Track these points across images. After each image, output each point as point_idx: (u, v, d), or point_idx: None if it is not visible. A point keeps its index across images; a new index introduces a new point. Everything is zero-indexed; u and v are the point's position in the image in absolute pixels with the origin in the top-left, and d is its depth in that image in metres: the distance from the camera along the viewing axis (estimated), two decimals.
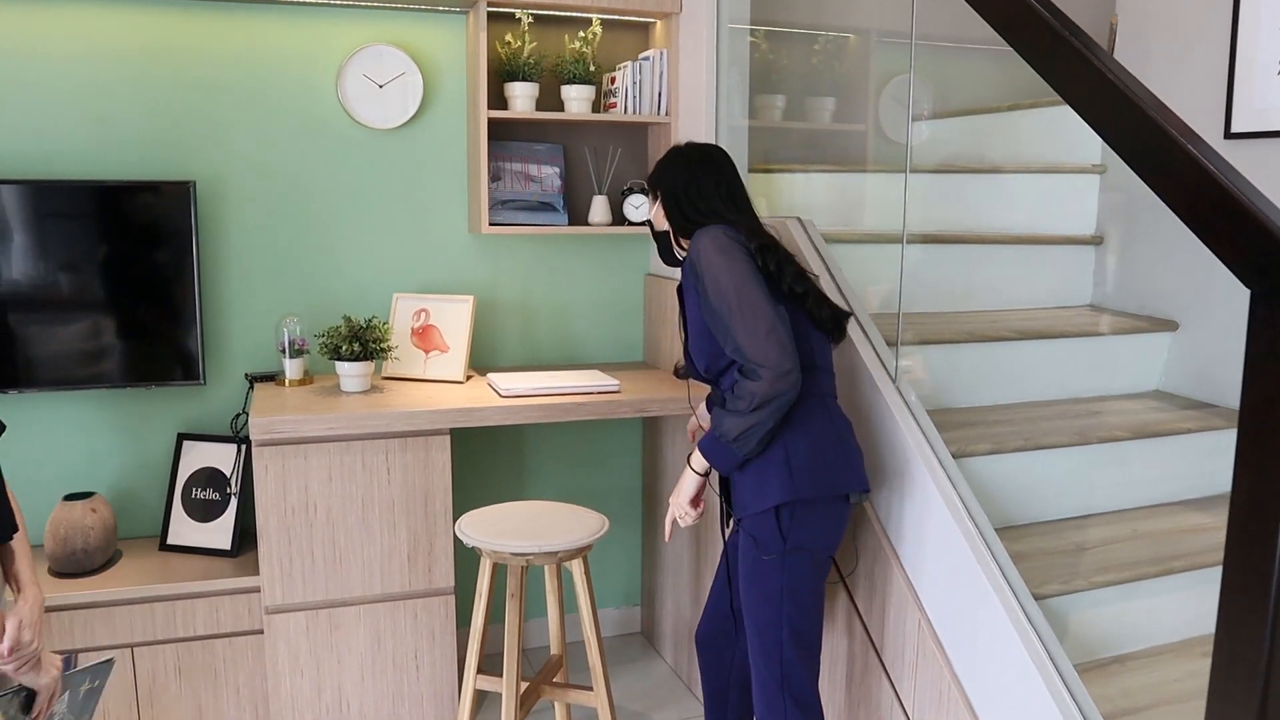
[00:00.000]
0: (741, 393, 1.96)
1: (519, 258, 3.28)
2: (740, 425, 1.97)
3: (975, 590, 1.95)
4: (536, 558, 2.41)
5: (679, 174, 2.20)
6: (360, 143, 3.06)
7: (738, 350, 1.98)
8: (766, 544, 2.05)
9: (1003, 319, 2.72)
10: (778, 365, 1.92)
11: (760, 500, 2.03)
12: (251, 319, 3.03)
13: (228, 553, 2.83)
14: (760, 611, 2.08)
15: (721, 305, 1.99)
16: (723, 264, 2.00)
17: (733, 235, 2.07)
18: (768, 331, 1.94)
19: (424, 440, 2.69)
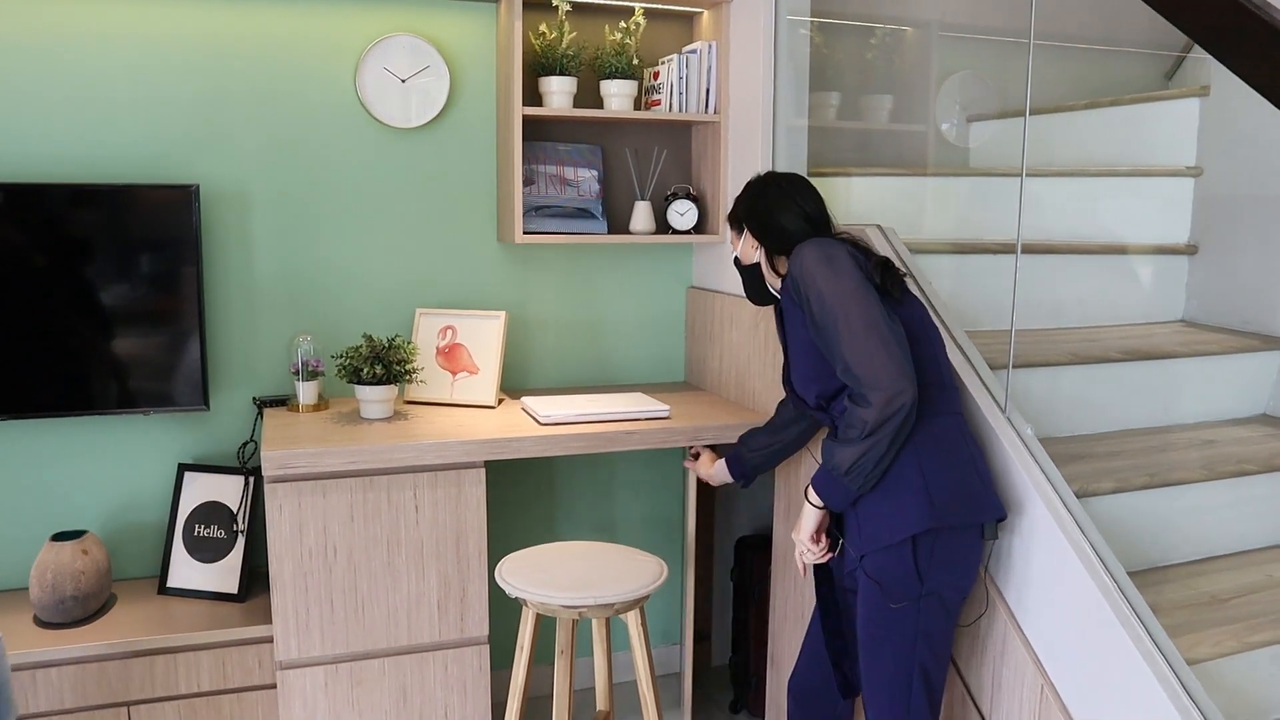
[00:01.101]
0: (852, 420, 1.77)
1: (553, 269, 3.01)
2: (852, 455, 1.77)
3: (1117, 654, 1.67)
4: (590, 610, 2.13)
5: (765, 198, 2.07)
6: (380, 143, 2.79)
7: (846, 370, 1.79)
8: (896, 587, 1.81)
9: (1098, 337, 2.45)
10: (890, 386, 1.72)
11: (894, 529, 1.80)
12: (260, 337, 2.74)
13: (234, 597, 2.55)
14: (888, 663, 1.84)
15: (827, 320, 1.81)
16: (827, 275, 1.83)
17: (829, 245, 1.88)
18: (878, 347, 1.75)
19: (456, 474, 2.40)
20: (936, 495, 1.78)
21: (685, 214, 2.93)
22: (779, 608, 2.66)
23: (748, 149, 2.76)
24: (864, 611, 1.87)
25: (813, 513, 1.93)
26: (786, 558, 2.60)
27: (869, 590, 1.84)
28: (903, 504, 1.79)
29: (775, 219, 2.03)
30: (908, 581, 1.80)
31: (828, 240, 1.93)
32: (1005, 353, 2.19)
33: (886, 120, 3.16)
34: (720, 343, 2.93)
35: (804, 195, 2.04)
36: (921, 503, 1.77)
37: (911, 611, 1.81)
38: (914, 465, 1.79)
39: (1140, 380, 2.35)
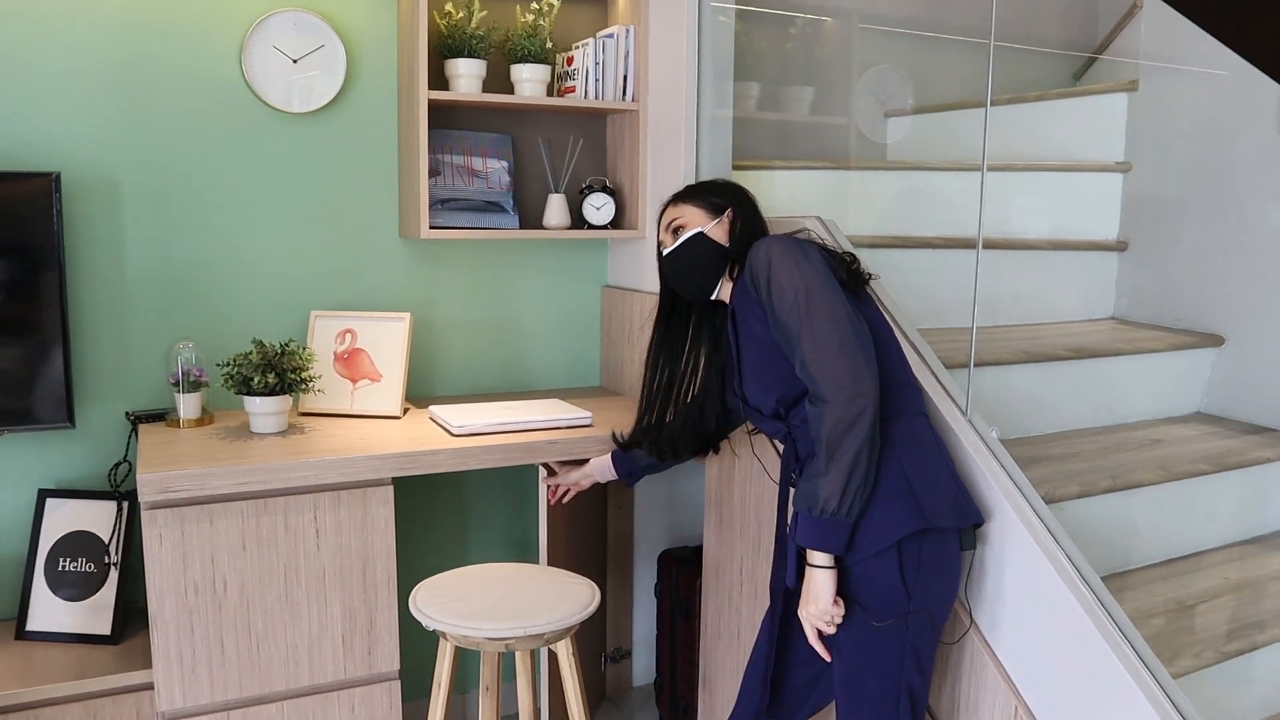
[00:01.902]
0: (816, 433, 1.61)
1: (459, 267, 2.79)
2: (835, 483, 1.58)
3: (1100, 671, 1.56)
4: (519, 642, 1.93)
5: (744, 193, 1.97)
6: (269, 129, 2.52)
7: (804, 368, 1.64)
8: (881, 603, 1.64)
9: (1039, 335, 2.38)
10: (851, 386, 1.58)
11: (877, 535, 1.62)
12: (134, 345, 2.44)
13: (107, 639, 2.25)
14: (873, 690, 1.68)
15: (788, 314, 1.66)
16: (791, 266, 1.68)
17: (794, 239, 1.76)
18: (841, 344, 1.60)
19: (361, 493, 2.17)
20: (922, 495, 1.64)
21: (602, 208, 2.75)
22: (710, 625, 2.51)
23: (670, 140, 2.60)
24: (843, 637, 1.69)
25: (825, 576, 1.64)
26: (719, 572, 2.44)
27: (849, 613, 1.68)
28: (884, 507, 1.63)
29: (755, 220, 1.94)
30: (893, 596, 1.63)
31: (788, 236, 1.78)
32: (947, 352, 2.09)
33: (807, 112, 3.04)
34: (640, 345, 2.76)
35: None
36: (907, 503, 1.62)
37: (899, 630, 1.65)
38: (894, 465, 1.65)
39: (1083, 379, 2.28)
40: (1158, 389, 2.42)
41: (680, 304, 2.02)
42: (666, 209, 1.97)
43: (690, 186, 1.99)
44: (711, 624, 2.50)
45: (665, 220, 1.96)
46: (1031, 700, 1.68)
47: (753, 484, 2.30)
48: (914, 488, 1.63)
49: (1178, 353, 2.41)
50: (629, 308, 2.81)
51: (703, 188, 1.97)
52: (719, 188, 1.96)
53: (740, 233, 1.90)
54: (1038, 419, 2.22)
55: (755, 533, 2.30)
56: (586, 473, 2.30)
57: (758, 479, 2.28)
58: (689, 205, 1.93)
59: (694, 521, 3.09)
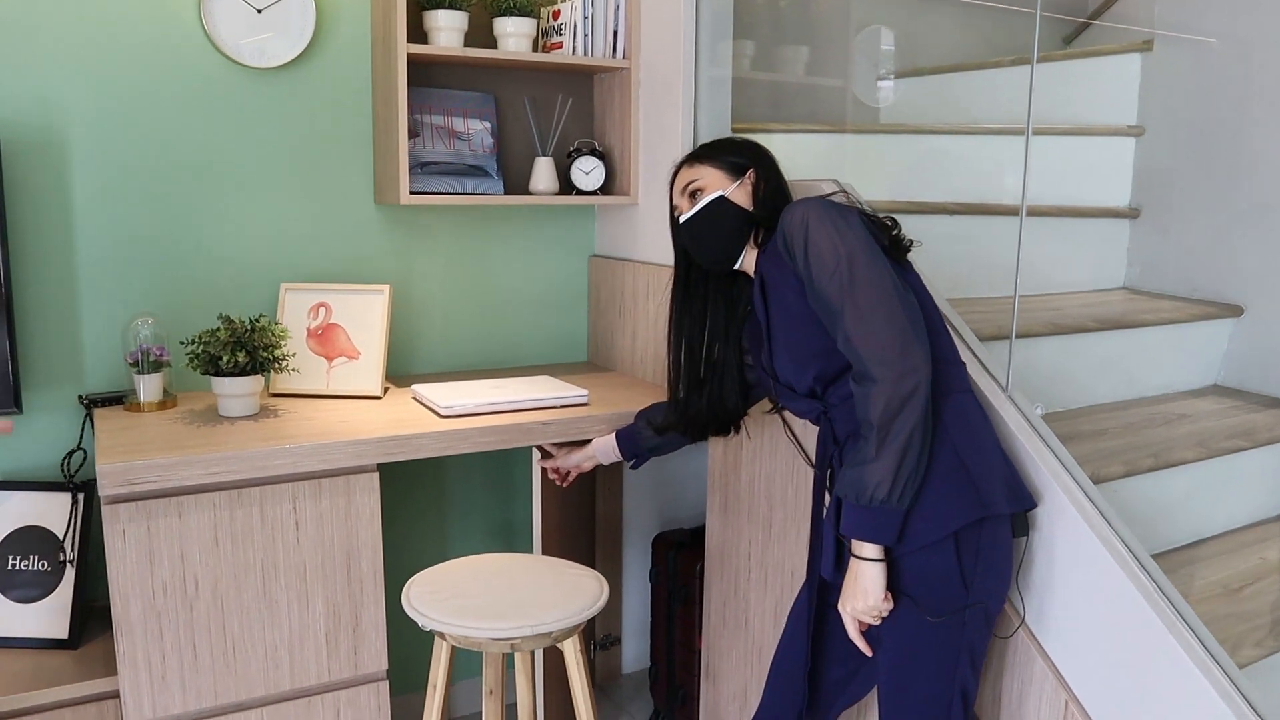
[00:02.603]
0: (863, 414, 1.46)
1: (439, 236, 2.60)
2: (886, 468, 1.44)
3: (1162, 663, 1.46)
4: (525, 641, 1.78)
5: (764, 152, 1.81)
6: (233, 86, 2.31)
7: (847, 342, 1.49)
8: (937, 597, 1.51)
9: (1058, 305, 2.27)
10: (901, 361, 1.43)
11: (933, 525, 1.49)
12: (87, 322, 2.23)
13: (66, 644, 2.06)
14: (923, 689, 1.55)
15: (830, 284, 1.50)
16: (832, 230, 1.52)
17: (833, 202, 1.60)
18: (889, 316, 1.46)
19: (345, 480, 2.00)
20: (979, 480, 1.50)
21: (591, 172, 2.58)
22: (715, 614, 2.38)
23: (664, 100, 2.44)
24: (892, 633, 1.56)
25: (876, 569, 1.50)
26: (724, 557, 2.32)
27: (895, 608, 1.54)
28: (941, 492, 1.49)
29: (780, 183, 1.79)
30: (951, 589, 1.51)
31: (826, 198, 1.62)
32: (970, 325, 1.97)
33: (803, 73, 2.90)
34: (632, 318, 2.61)
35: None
36: (964, 489, 1.49)
37: (955, 625, 1.52)
38: (947, 448, 1.51)
39: (1104, 352, 2.18)
40: (1175, 361, 2.33)
41: (697, 273, 1.86)
42: (680, 170, 1.81)
43: (706, 146, 1.82)
44: (716, 611, 2.38)
45: (680, 183, 1.79)
46: (1083, 694, 1.58)
47: (761, 464, 2.17)
48: (970, 472, 1.50)
49: (1198, 324, 2.31)
50: (619, 279, 2.65)
51: (720, 146, 1.80)
52: (738, 146, 1.80)
53: (764, 195, 1.74)
54: (1061, 393, 2.11)
55: (765, 516, 2.17)
56: (589, 454, 2.15)
57: (767, 459, 2.15)
58: (706, 166, 1.77)
59: (685, 503, 2.96)
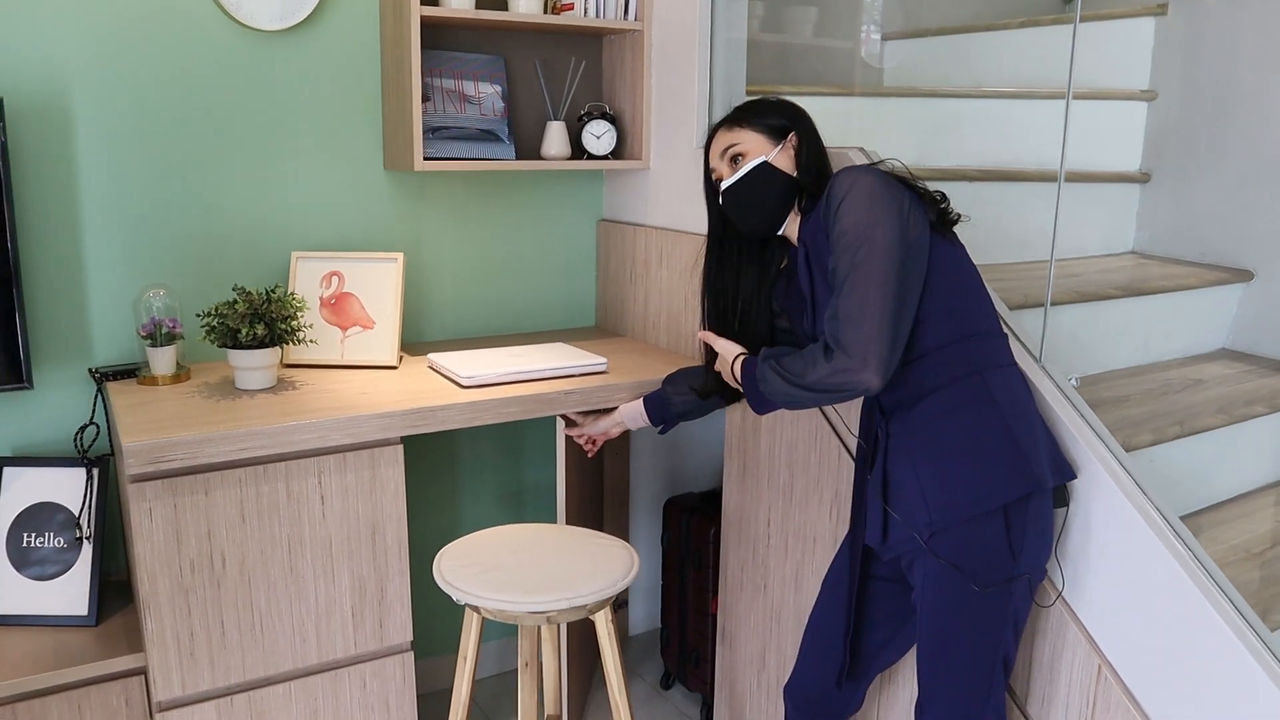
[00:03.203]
0: (806, 358, 1.54)
1: (449, 202, 2.56)
2: (778, 389, 1.59)
3: (1199, 630, 1.49)
4: (561, 614, 1.78)
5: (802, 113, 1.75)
6: (240, 49, 2.24)
7: (832, 312, 1.51)
8: (984, 568, 1.52)
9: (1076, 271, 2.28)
10: (858, 355, 1.46)
11: (982, 495, 1.51)
12: (96, 294, 2.18)
13: (84, 621, 2.03)
14: (966, 659, 1.57)
15: (841, 257, 1.51)
16: (864, 208, 1.50)
17: (885, 177, 1.55)
18: (877, 311, 1.46)
19: (369, 454, 1.98)
20: (1029, 454, 1.51)
21: (602, 136, 2.55)
22: (731, 578, 2.40)
23: (678, 63, 2.41)
24: (935, 602, 1.57)
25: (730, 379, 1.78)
26: (742, 523, 2.33)
27: (941, 577, 1.54)
28: (992, 464, 1.50)
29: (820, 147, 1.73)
30: (999, 560, 1.51)
31: (880, 172, 1.58)
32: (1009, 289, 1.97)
33: (811, 35, 2.86)
34: (645, 283, 2.59)
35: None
36: (1015, 463, 1.50)
37: (1002, 596, 1.53)
38: (997, 420, 1.52)
39: (1121, 318, 2.19)
40: (1186, 326, 2.35)
41: (731, 236, 1.83)
42: (718, 134, 1.76)
43: (742, 108, 1.76)
44: (733, 575, 2.39)
45: (719, 147, 1.74)
46: (1116, 659, 1.61)
47: (782, 432, 2.17)
48: (1021, 446, 1.51)
49: (1210, 289, 2.34)
50: (629, 243, 2.63)
51: (758, 108, 1.74)
52: (777, 108, 1.73)
53: (806, 159, 1.70)
54: (1080, 360, 2.13)
55: (786, 483, 2.18)
56: (616, 420, 2.14)
57: (788, 427, 2.15)
58: (747, 130, 1.71)
59: (693, 467, 2.97)
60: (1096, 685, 1.63)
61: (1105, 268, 2.38)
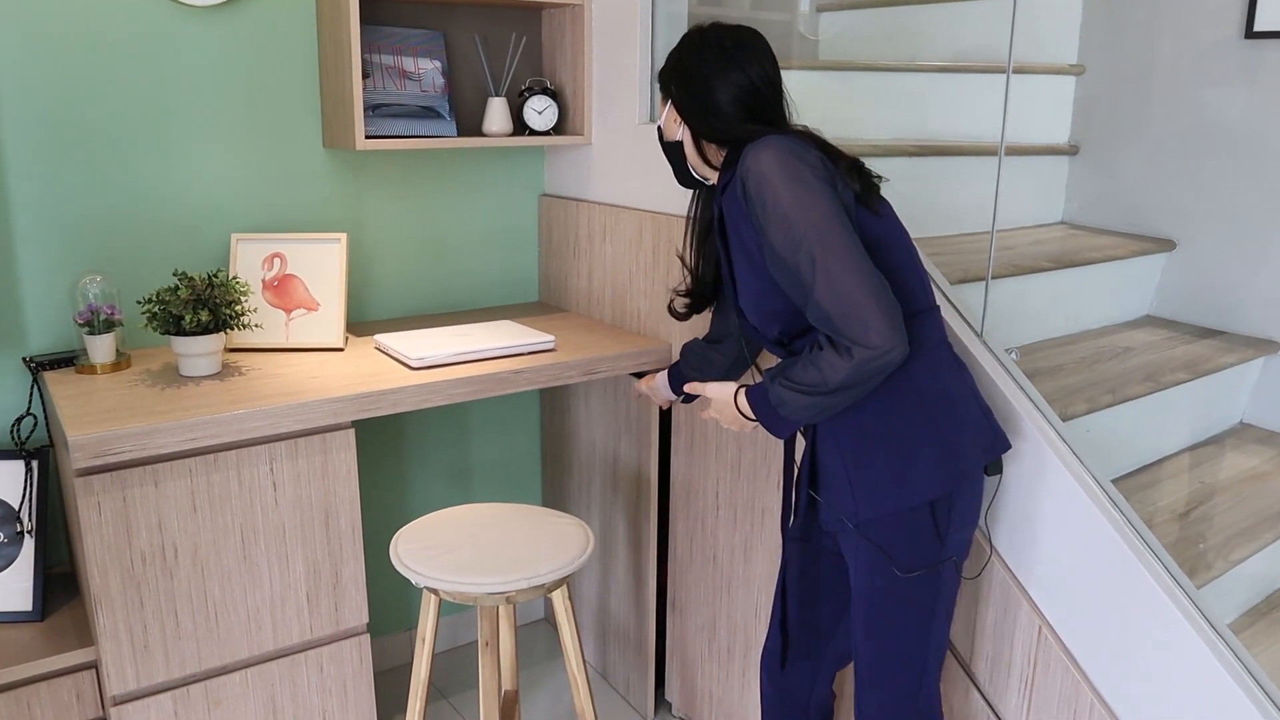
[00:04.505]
0: (820, 364, 1.43)
1: (390, 180, 2.53)
2: (802, 406, 1.48)
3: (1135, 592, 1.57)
4: (520, 594, 1.81)
5: (701, 59, 1.60)
6: (173, 27, 2.18)
7: (821, 315, 1.42)
8: (911, 554, 1.54)
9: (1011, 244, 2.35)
10: (881, 341, 1.37)
11: (906, 492, 1.51)
12: (27, 281, 2.11)
13: (30, 617, 2.00)
14: (898, 639, 1.60)
15: (793, 251, 1.43)
16: (794, 191, 1.44)
17: (797, 149, 1.48)
18: (863, 290, 1.39)
19: (321, 439, 1.96)
20: (955, 447, 1.51)
21: (544, 112, 2.53)
22: (680, 549, 2.44)
23: (619, 37, 2.40)
24: (865, 583, 1.59)
25: (738, 420, 1.63)
26: (690, 495, 2.37)
27: (871, 559, 1.56)
28: (915, 462, 1.50)
29: (710, 92, 1.58)
30: (926, 546, 1.53)
31: (790, 139, 1.50)
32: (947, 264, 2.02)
33: (749, 7, 2.88)
34: (588, 258, 2.60)
35: (754, 63, 1.59)
36: (942, 460, 1.51)
37: (929, 579, 1.55)
38: (921, 414, 1.52)
39: (1053, 288, 2.27)
40: (1113, 294, 2.45)
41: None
42: None
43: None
44: (682, 547, 2.44)
45: None
46: (1056, 621, 1.69)
47: None
48: (947, 440, 1.51)
49: (1136, 259, 2.43)
50: (575, 218, 2.63)
51: (666, 61, 1.69)
52: (667, 59, 1.68)
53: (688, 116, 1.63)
54: (1016, 331, 2.21)
55: (734, 456, 2.23)
56: (653, 388, 2.12)
57: None
58: (661, 89, 1.70)
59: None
60: (1037, 646, 1.71)
61: (1038, 239, 2.46)
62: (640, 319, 2.44)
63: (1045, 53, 2.66)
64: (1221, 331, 2.41)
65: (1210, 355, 2.21)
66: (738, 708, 2.33)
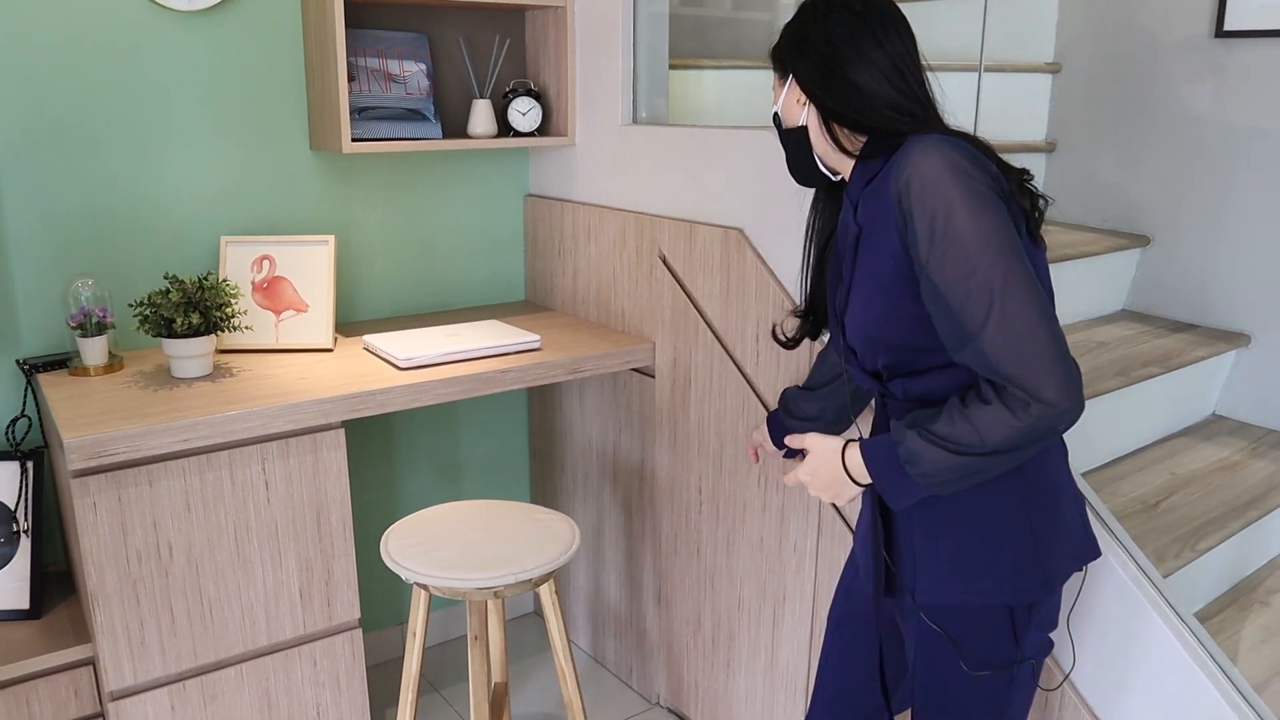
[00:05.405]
0: (975, 419, 1.19)
1: (377, 182, 2.57)
2: (944, 467, 1.22)
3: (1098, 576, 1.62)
4: (509, 589, 1.85)
5: (829, 27, 1.33)
6: (160, 31, 2.21)
7: (988, 362, 1.18)
8: (982, 651, 1.35)
9: None
10: (1061, 398, 1.14)
11: (986, 589, 1.32)
12: (19, 285, 2.14)
13: (27, 614, 2.03)
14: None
15: (964, 285, 1.18)
16: (971, 213, 1.18)
17: (973, 156, 1.23)
18: (1049, 339, 1.15)
19: (311, 439, 2.00)
20: (1046, 550, 1.31)
21: (528, 113, 2.57)
22: (665, 543, 2.49)
23: (601, 38, 2.44)
24: (928, 670, 1.39)
25: (837, 483, 1.35)
26: (674, 490, 2.42)
27: (936, 645, 1.36)
28: (1001, 557, 1.30)
29: (844, 64, 1.31)
30: (999, 647, 1.34)
31: (961, 143, 1.24)
32: None
33: (730, 7, 2.91)
34: (574, 258, 2.64)
35: (892, 34, 1.33)
36: (1029, 563, 1.30)
37: (1001, 681, 1.36)
38: (1018, 504, 1.30)
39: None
40: (1091, 289, 2.49)
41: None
42: None
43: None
44: (667, 541, 2.49)
45: None
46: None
47: (710, 404, 2.25)
48: (1038, 541, 1.31)
49: (1112, 254, 2.48)
50: (560, 219, 2.67)
51: (781, 35, 1.41)
52: (785, 34, 1.40)
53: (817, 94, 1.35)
54: None
55: (716, 452, 2.27)
56: (758, 442, 1.93)
57: (716, 398, 2.23)
58: (772, 63, 1.43)
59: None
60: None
61: None
62: (625, 318, 2.48)
63: (1023, 51, 2.70)
64: (1195, 325, 2.46)
65: (1184, 349, 2.27)
66: (722, 699, 2.38)
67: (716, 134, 2.14)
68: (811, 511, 2.03)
